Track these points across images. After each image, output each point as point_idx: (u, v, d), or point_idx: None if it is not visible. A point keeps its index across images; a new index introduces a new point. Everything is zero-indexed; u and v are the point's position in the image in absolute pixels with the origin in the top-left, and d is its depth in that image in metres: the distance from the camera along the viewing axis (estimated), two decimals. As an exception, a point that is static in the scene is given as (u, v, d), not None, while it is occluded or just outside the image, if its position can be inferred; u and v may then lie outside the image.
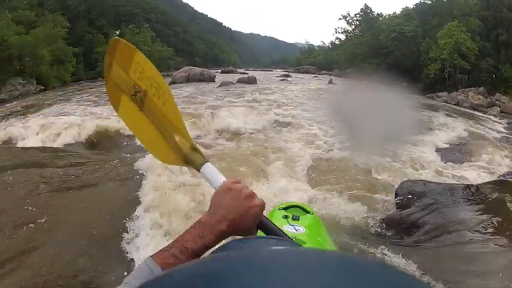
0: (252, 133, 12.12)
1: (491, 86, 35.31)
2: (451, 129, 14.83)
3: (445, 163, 10.07)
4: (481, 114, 25.08)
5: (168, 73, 47.87)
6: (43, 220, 4.99)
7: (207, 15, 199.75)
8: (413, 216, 5.82)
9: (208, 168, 1.13)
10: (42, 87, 36.04)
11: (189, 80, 36.20)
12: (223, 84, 30.44)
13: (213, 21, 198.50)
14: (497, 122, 21.69)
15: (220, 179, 1.08)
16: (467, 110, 26.04)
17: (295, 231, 2.20)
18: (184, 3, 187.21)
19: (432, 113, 20.49)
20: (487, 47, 39.91)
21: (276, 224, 1.11)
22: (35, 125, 12.45)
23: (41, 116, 16.17)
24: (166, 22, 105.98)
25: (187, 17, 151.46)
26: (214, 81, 34.66)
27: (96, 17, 65.21)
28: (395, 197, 6.53)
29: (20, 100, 28.57)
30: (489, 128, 18.18)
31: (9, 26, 37.54)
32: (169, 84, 33.34)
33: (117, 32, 63.37)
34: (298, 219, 2.42)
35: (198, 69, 39.48)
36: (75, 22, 56.04)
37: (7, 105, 26.46)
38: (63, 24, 47.88)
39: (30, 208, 5.19)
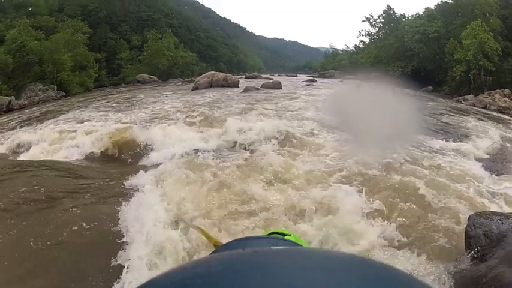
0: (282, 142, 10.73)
1: None
2: (487, 136, 13.56)
3: (495, 178, 8.40)
4: (508, 117, 23.54)
5: (192, 79, 47.27)
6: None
7: (230, 20, 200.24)
8: (498, 275, 3.98)
9: None
10: (63, 93, 35.64)
11: (212, 85, 35.01)
12: (247, 90, 29.44)
13: (237, 26, 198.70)
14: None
15: None
16: (495, 114, 24.52)
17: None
18: (207, 8, 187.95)
19: (463, 117, 19.20)
20: (509, 47, 38.16)
21: None
22: (45, 134, 12.32)
23: (52, 124, 15.88)
24: (189, 27, 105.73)
25: (211, 22, 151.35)
26: (238, 87, 33.63)
27: (117, 22, 65.08)
28: (466, 238, 4.85)
29: (39, 106, 28.36)
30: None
31: (28, 32, 37.30)
32: (192, 90, 32.93)
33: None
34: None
35: (221, 75, 38.02)
36: (96, 28, 55.79)
37: (26, 110, 26.63)
38: (84, 29, 47.61)
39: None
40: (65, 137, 11.71)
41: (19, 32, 36.06)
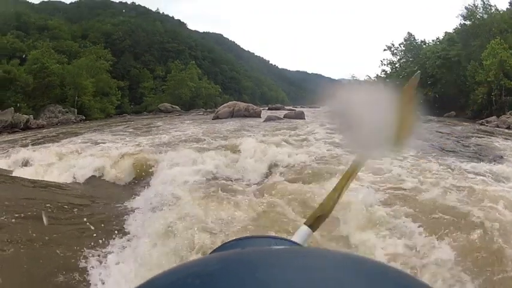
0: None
1: None
2: None
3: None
4: None
5: (214, 110, 47.02)
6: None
7: (253, 53, 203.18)
8: None
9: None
10: (83, 117, 35.70)
11: (233, 115, 34.29)
12: (269, 119, 28.56)
13: (260, 59, 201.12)
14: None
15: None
16: None
17: None
18: (232, 41, 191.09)
19: (491, 138, 18.37)
20: None
21: None
22: (45, 153, 12.19)
23: (61, 144, 15.51)
24: (213, 60, 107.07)
25: (235, 55, 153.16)
26: (260, 117, 32.81)
27: (141, 52, 66.01)
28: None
29: (58, 127, 28.31)
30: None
31: (50, 54, 37.64)
32: (212, 119, 32.55)
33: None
34: None
35: (242, 104, 37.32)
36: (120, 56, 56.41)
37: (44, 130, 26.99)
38: (107, 56, 48.14)
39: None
40: (67, 157, 11.45)
41: (41, 54, 36.39)
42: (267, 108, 56.28)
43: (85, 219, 5.99)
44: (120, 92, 50.24)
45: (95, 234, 5.36)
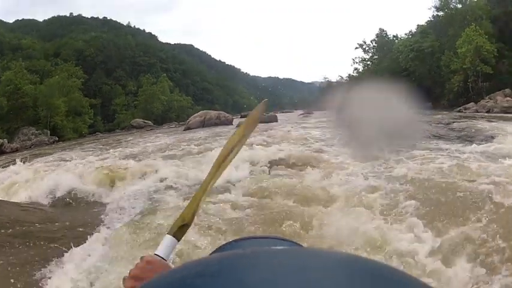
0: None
1: None
2: (504, 135, 12.52)
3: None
4: None
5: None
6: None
7: (224, 62, 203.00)
8: None
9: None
10: (56, 138, 35.34)
11: (204, 124, 34.20)
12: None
13: (231, 68, 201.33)
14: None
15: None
16: (500, 115, 24.35)
17: None
18: (202, 51, 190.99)
19: (474, 121, 18.88)
20: (503, 47, 38.42)
21: None
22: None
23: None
24: (184, 71, 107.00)
25: (206, 65, 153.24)
26: (232, 124, 32.99)
27: (113, 67, 65.70)
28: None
29: (31, 149, 27.86)
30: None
31: (23, 75, 37.50)
32: (184, 130, 32.17)
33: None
34: None
35: (213, 113, 37.22)
36: (91, 73, 56.24)
37: (17, 154, 26.21)
38: (79, 74, 47.88)
39: None
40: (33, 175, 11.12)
41: (14, 75, 36.22)
42: (239, 116, 56.65)
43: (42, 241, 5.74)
44: (93, 111, 49.49)
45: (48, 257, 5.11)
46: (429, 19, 53.58)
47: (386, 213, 5.72)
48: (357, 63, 68.71)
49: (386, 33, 63.56)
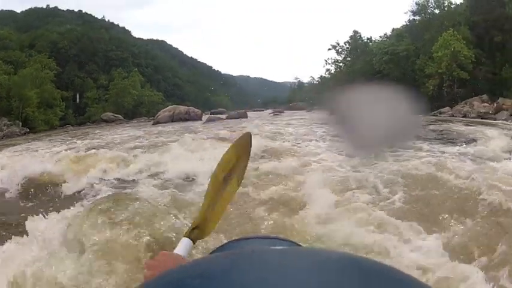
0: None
1: (490, 92, 34.50)
2: (491, 137, 12.67)
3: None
4: (492, 121, 24.30)
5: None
6: None
7: (196, 59, 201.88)
8: None
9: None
10: (28, 130, 35.12)
11: (173, 119, 34.38)
12: (209, 120, 28.88)
13: (203, 65, 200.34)
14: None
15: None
16: (477, 120, 25.29)
17: None
18: (175, 48, 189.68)
19: (452, 125, 19.70)
20: (481, 54, 39.32)
21: None
22: None
23: None
24: (156, 67, 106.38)
25: (178, 62, 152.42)
26: (201, 119, 32.99)
27: (86, 61, 65.17)
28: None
29: (3, 141, 27.85)
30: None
31: (-1, 65, 37.23)
32: (152, 124, 32.34)
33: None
34: None
35: (183, 108, 37.58)
36: (65, 66, 55.86)
37: None
38: (51, 65, 47.56)
39: None
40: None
41: (-12, 66, 35.89)
42: (209, 113, 56.73)
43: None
44: (64, 103, 49.37)
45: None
46: (405, 23, 54.31)
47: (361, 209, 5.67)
48: (329, 64, 68.48)
49: (360, 36, 63.83)
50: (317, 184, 6.67)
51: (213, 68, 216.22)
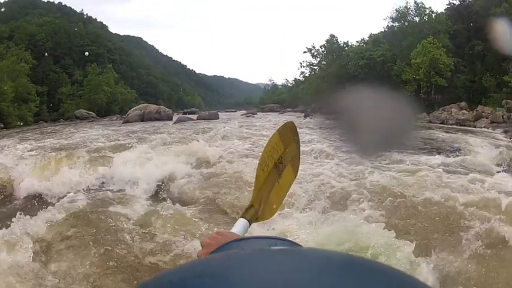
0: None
1: (468, 100, 35.16)
2: (476, 146, 12.21)
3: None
4: (472, 128, 24.57)
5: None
6: None
7: (171, 58, 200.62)
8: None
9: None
10: (2, 125, 33.92)
11: (143, 118, 33.38)
12: (179, 120, 28.06)
13: (177, 64, 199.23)
14: (497, 133, 20.97)
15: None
16: (456, 127, 25.42)
17: None
18: (150, 45, 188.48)
19: (432, 131, 19.55)
20: (460, 62, 40.18)
21: None
22: None
23: None
24: (131, 64, 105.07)
25: (153, 59, 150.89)
26: (172, 119, 31.90)
27: (62, 55, 63.81)
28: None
29: None
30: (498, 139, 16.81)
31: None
32: (122, 123, 31.27)
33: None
34: None
35: (153, 107, 36.66)
36: (40, 59, 54.54)
37: None
38: (27, 58, 46.29)
39: None
40: None
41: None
42: (181, 113, 56.10)
43: None
44: (39, 99, 48.11)
45: None
46: (383, 29, 55.17)
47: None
48: (304, 67, 69.36)
49: (337, 40, 64.62)
50: None
51: (188, 67, 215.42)
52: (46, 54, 55.89)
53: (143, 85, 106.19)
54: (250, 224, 1.24)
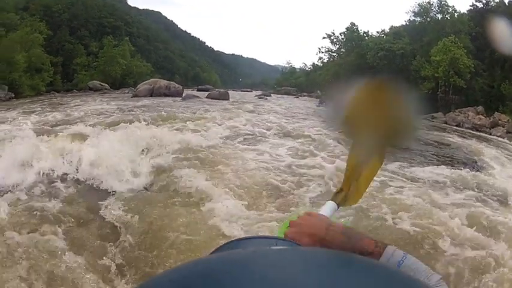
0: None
1: (485, 105, 34.35)
2: (487, 160, 11.26)
3: None
4: (487, 135, 23.75)
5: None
6: None
7: (190, 34, 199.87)
8: None
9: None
10: (13, 95, 34.16)
11: (153, 93, 32.84)
12: (186, 98, 27.87)
13: (196, 40, 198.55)
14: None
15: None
16: (472, 131, 24.67)
17: None
18: (170, 20, 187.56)
19: (446, 135, 19.00)
20: (480, 65, 39.32)
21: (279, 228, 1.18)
22: None
23: None
24: (148, 37, 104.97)
25: (171, 35, 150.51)
26: (181, 96, 31.50)
27: (78, 26, 63.95)
28: None
29: None
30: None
31: (-11, 27, 36.22)
32: (131, 97, 31.18)
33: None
34: None
35: (164, 82, 36.11)
36: (56, 30, 54.78)
37: None
38: (41, 29, 46.46)
39: None
40: None
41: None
42: (195, 89, 55.84)
43: None
44: (53, 69, 47.92)
45: None
46: (405, 22, 54.01)
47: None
48: (322, 52, 68.61)
49: (357, 28, 63.24)
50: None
51: (206, 44, 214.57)
52: (62, 25, 56.08)
53: (160, 59, 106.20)
54: (338, 208, 1.28)
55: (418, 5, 49.20)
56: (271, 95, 51.86)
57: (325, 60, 69.65)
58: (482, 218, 5.62)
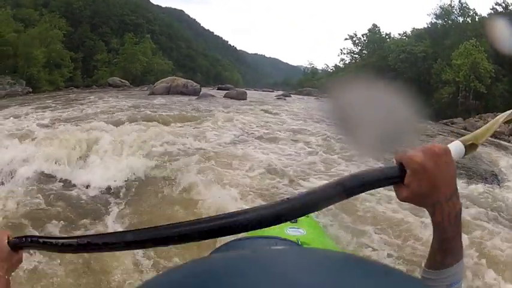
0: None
1: (505, 111, 33.09)
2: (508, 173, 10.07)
3: None
4: (506, 143, 22.25)
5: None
6: None
7: (213, 33, 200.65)
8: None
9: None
10: (30, 90, 34.41)
11: (170, 91, 32.42)
12: (201, 97, 27.32)
13: (219, 39, 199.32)
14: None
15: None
16: (490, 139, 23.34)
17: (298, 234, 1.93)
18: (192, 19, 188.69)
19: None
20: (500, 70, 38.29)
21: (277, 228, 1.08)
22: None
23: None
24: (170, 35, 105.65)
25: (194, 33, 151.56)
26: (198, 95, 30.71)
27: (99, 23, 64.49)
28: None
29: (4, 100, 27.30)
30: None
31: (9, 23, 36.58)
32: (148, 95, 30.66)
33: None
34: (296, 222, 2.13)
35: (181, 80, 35.61)
36: (77, 27, 55.23)
37: None
38: (61, 25, 46.88)
39: None
40: None
41: (-1, 22, 35.28)
42: (216, 88, 55.38)
43: None
44: (73, 64, 48.84)
45: None
46: (426, 25, 53.34)
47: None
48: (344, 54, 68.28)
49: (379, 30, 62.89)
50: None
51: (229, 43, 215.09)
52: (83, 22, 56.56)
53: (182, 57, 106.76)
54: (464, 154, 1.13)
55: (440, 7, 48.81)
56: (291, 95, 51.14)
57: (347, 62, 69.20)
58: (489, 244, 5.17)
